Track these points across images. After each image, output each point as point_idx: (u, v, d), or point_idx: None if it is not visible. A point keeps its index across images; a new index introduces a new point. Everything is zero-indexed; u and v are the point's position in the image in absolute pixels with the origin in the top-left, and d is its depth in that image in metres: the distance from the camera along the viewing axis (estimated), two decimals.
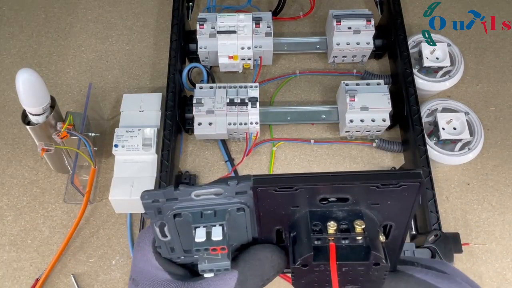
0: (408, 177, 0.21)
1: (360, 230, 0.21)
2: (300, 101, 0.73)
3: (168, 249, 0.24)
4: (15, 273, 0.61)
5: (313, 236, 0.21)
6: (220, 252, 0.22)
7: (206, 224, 0.22)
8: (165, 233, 0.23)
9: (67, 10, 0.81)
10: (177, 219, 0.22)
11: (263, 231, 0.24)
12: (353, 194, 0.21)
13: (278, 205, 0.22)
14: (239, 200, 0.22)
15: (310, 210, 0.22)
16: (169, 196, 0.22)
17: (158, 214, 0.22)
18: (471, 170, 0.68)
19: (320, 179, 0.21)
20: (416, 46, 0.71)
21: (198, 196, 0.22)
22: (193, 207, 0.22)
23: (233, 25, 0.69)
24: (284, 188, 0.21)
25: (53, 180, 0.67)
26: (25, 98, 0.51)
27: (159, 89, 0.73)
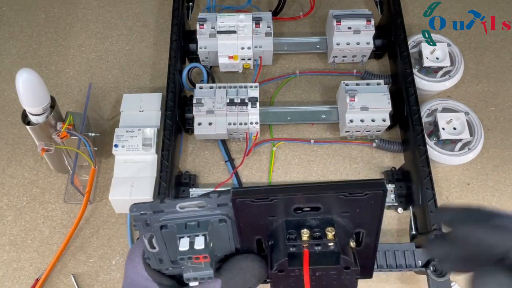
0: (372, 186, 0.22)
1: (331, 237, 0.23)
2: (300, 101, 0.73)
3: (157, 260, 0.26)
4: (15, 273, 0.61)
5: (288, 243, 0.23)
6: (203, 261, 0.23)
7: (190, 234, 0.24)
8: (153, 244, 0.25)
9: (67, 10, 0.81)
10: (164, 231, 0.24)
11: (244, 241, 0.25)
12: (324, 203, 0.23)
13: (256, 215, 0.24)
14: (221, 211, 0.24)
15: (286, 219, 0.24)
16: (155, 208, 0.23)
17: (146, 226, 0.24)
18: (471, 170, 0.68)
19: (293, 190, 0.23)
20: (416, 46, 0.71)
21: (183, 208, 0.23)
22: (178, 219, 0.24)
23: (233, 25, 0.69)
24: (260, 199, 0.23)
25: (53, 180, 0.67)
26: (25, 98, 0.51)
27: (159, 89, 0.73)
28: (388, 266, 0.56)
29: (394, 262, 0.56)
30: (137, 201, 0.24)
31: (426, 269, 0.55)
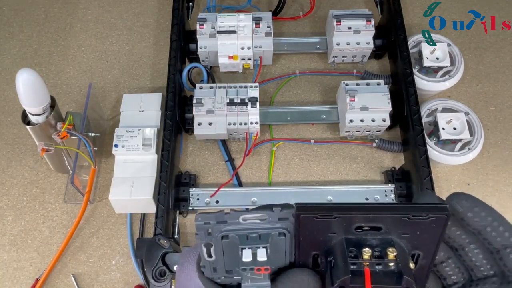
0: (436, 210, 0.23)
1: (393, 257, 0.23)
2: (300, 101, 0.73)
3: (211, 269, 0.26)
4: (15, 273, 0.61)
5: (350, 260, 0.23)
6: (263, 272, 0.24)
7: (252, 246, 0.25)
8: (211, 253, 0.25)
9: (67, 10, 0.81)
10: (224, 241, 0.25)
11: (301, 255, 0.26)
12: (386, 224, 0.24)
13: (317, 231, 0.24)
14: (281, 225, 0.24)
15: (346, 237, 0.24)
16: (220, 219, 0.24)
17: (207, 236, 0.24)
18: (471, 170, 0.68)
19: (356, 209, 0.23)
20: (416, 46, 0.71)
21: (245, 220, 0.24)
22: (240, 230, 0.24)
23: (233, 25, 0.69)
24: (323, 215, 0.23)
25: (53, 180, 0.67)
26: (25, 98, 0.51)
27: (159, 89, 0.73)
28: None
29: None
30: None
31: None
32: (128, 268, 0.61)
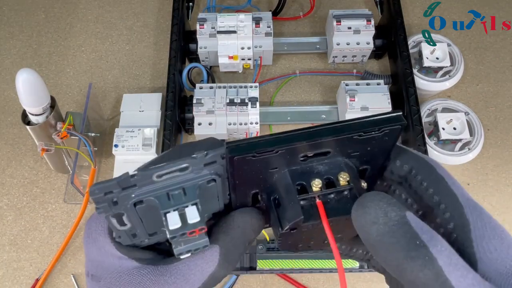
0: (390, 121, 0.20)
1: (345, 183, 0.21)
2: (300, 101, 0.73)
3: (130, 236, 0.21)
4: (15, 273, 0.61)
5: (299, 197, 0.20)
6: (199, 233, 0.19)
7: (177, 206, 0.19)
8: (123, 222, 0.20)
9: (67, 10, 0.81)
10: (139, 207, 0.19)
11: (238, 198, 0.22)
12: (335, 147, 0.20)
13: (256, 170, 0.20)
14: (209, 171, 0.20)
15: (289, 169, 0.21)
16: (125, 184, 0.19)
17: (113, 206, 0.19)
18: (471, 170, 0.68)
19: (301, 137, 0.20)
20: (416, 46, 0.71)
21: (161, 177, 0.19)
22: (157, 190, 0.19)
23: (233, 25, 0.69)
24: (262, 153, 0.19)
25: (53, 180, 0.67)
26: (25, 98, 0.51)
27: (159, 89, 0.73)
28: None
29: None
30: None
31: None
32: None
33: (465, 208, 0.19)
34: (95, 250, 0.21)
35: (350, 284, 0.60)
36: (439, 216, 0.19)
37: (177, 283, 0.20)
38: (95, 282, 0.21)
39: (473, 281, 0.17)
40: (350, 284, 0.60)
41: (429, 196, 0.20)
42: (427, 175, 0.20)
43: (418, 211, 0.21)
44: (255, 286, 0.60)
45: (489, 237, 0.18)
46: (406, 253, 0.17)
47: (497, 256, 0.18)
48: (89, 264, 0.22)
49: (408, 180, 0.21)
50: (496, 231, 0.18)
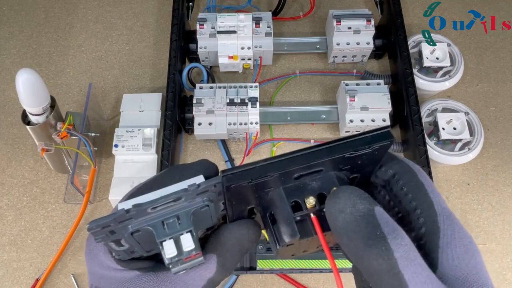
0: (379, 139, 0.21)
1: None
2: (300, 101, 0.73)
3: (128, 253, 0.22)
4: (15, 273, 0.61)
5: (294, 215, 0.21)
6: (195, 257, 0.20)
7: (172, 235, 0.20)
8: (121, 244, 0.21)
9: (67, 10, 0.81)
10: (136, 234, 0.20)
11: (235, 214, 0.23)
12: (327, 165, 0.21)
13: (252, 192, 0.22)
14: (202, 199, 0.21)
15: (284, 187, 0.22)
16: (121, 219, 0.19)
17: (111, 235, 0.20)
18: (471, 170, 0.68)
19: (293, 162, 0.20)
20: (416, 46, 0.71)
21: (155, 208, 0.20)
22: (152, 220, 0.20)
23: (233, 25, 0.69)
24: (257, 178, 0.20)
25: (53, 180, 0.67)
26: (25, 98, 0.51)
27: (159, 89, 0.73)
28: None
29: None
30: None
31: None
32: None
33: (438, 216, 0.20)
34: (97, 265, 0.22)
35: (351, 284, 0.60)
36: (413, 220, 0.20)
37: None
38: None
39: (427, 279, 0.17)
40: (351, 284, 0.60)
41: (408, 200, 0.21)
42: (408, 180, 0.21)
43: (398, 214, 0.22)
44: (255, 286, 0.60)
45: (455, 245, 0.19)
46: (365, 241, 0.18)
47: (458, 264, 0.19)
48: (91, 277, 0.23)
49: (390, 184, 0.22)
50: (463, 241, 0.19)
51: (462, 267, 0.19)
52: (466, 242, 0.20)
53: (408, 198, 0.21)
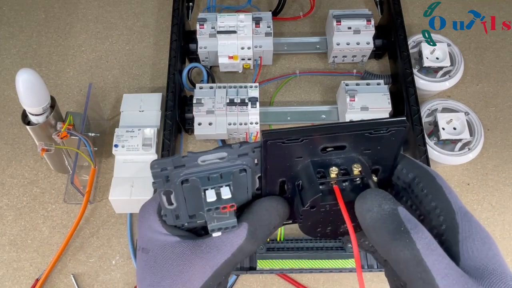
0: (395, 123, 0.24)
1: (358, 172, 0.24)
2: (300, 101, 0.73)
3: (174, 216, 0.25)
4: (15, 273, 0.61)
5: (318, 180, 0.24)
6: (229, 210, 0.24)
7: (214, 186, 0.24)
8: (171, 200, 0.25)
9: (67, 10, 0.81)
10: (185, 185, 0.24)
11: (268, 183, 0.26)
12: (350, 142, 0.24)
13: (284, 157, 0.24)
14: (242, 162, 0.24)
15: (312, 160, 0.25)
16: (177, 163, 0.23)
17: (166, 182, 0.24)
18: (471, 170, 0.68)
19: (321, 130, 0.23)
20: (416, 46, 0.71)
21: (204, 161, 0.23)
22: (200, 172, 0.24)
23: (233, 25, 0.69)
24: (290, 140, 0.23)
25: (53, 180, 0.67)
26: (25, 98, 0.51)
27: (159, 89, 0.73)
28: None
29: None
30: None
31: None
32: (128, 268, 0.61)
33: (456, 214, 0.22)
34: (147, 228, 0.26)
35: (351, 284, 0.60)
36: (434, 219, 0.23)
37: (211, 252, 0.24)
38: (144, 254, 0.26)
39: (447, 266, 0.20)
40: (351, 284, 0.60)
41: (428, 201, 0.24)
42: (428, 183, 0.24)
43: (420, 215, 0.24)
44: (255, 286, 0.60)
45: (473, 239, 0.22)
46: (391, 236, 0.21)
47: (478, 255, 0.21)
48: (140, 240, 0.26)
49: (411, 186, 0.25)
50: (480, 235, 0.22)
51: (482, 258, 0.21)
52: (483, 235, 0.22)
53: (428, 199, 0.23)
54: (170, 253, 0.25)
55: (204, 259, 0.24)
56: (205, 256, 0.24)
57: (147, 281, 0.25)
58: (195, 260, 0.24)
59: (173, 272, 0.24)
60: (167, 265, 0.25)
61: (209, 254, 0.24)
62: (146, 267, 0.25)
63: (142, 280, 0.26)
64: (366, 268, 0.56)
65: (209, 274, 0.24)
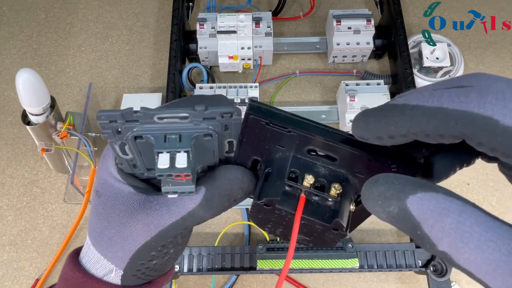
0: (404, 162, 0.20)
1: (335, 194, 0.21)
2: (300, 101, 0.73)
3: (131, 165, 0.24)
4: (15, 273, 0.61)
5: (287, 181, 0.21)
6: (184, 179, 0.21)
7: (170, 150, 0.21)
8: (126, 151, 0.22)
9: (67, 10, 0.81)
10: (139, 141, 0.21)
11: (241, 155, 0.23)
12: (343, 157, 0.21)
13: (264, 139, 0.21)
14: (207, 126, 0.21)
15: (294, 155, 0.22)
16: (128, 118, 0.20)
17: (117, 135, 0.21)
18: (471, 170, 0.68)
19: (316, 131, 0.20)
20: (416, 46, 0.71)
21: (161, 119, 0.20)
22: (156, 130, 0.21)
23: (233, 25, 0.69)
24: (277, 125, 0.20)
25: (53, 180, 0.67)
26: (25, 98, 0.51)
27: (159, 89, 0.73)
28: (388, 266, 0.56)
29: (394, 262, 0.56)
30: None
31: (426, 269, 0.55)
32: None
33: None
34: (104, 170, 0.25)
35: (351, 284, 0.60)
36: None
37: (160, 210, 0.23)
38: (97, 197, 0.25)
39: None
40: (351, 284, 0.60)
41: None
42: None
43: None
44: (255, 286, 0.60)
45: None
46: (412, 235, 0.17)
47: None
48: (96, 181, 0.26)
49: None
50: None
51: None
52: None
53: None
54: (119, 204, 0.24)
55: (151, 216, 0.23)
56: (152, 214, 0.23)
57: (93, 225, 0.25)
58: (141, 216, 0.23)
59: (118, 224, 0.24)
60: (114, 215, 0.24)
61: (157, 212, 0.23)
62: (95, 211, 0.25)
63: (90, 222, 0.25)
64: (366, 268, 0.56)
65: (153, 233, 0.23)
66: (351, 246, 0.56)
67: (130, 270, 0.24)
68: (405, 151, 0.20)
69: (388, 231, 0.63)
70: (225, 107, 0.20)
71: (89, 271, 0.25)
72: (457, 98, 0.16)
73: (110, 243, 0.24)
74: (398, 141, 0.18)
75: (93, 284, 0.25)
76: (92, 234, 0.25)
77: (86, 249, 0.26)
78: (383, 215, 0.17)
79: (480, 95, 0.16)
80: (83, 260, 0.26)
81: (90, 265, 0.25)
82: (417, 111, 0.17)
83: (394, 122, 0.17)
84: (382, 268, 0.55)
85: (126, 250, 0.24)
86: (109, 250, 0.24)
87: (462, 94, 0.16)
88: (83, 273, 0.25)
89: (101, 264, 0.25)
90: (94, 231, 0.25)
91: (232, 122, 0.21)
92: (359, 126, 0.19)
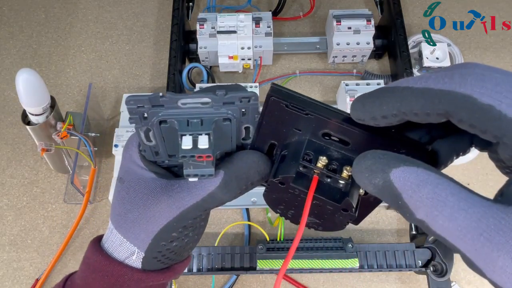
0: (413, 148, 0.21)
1: (346, 176, 0.22)
2: None
3: (153, 153, 0.25)
4: (15, 273, 0.61)
5: (302, 162, 0.22)
6: (205, 160, 0.22)
7: (193, 133, 0.22)
8: (150, 138, 0.24)
9: (67, 10, 0.81)
10: (163, 126, 0.23)
11: (259, 139, 0.24)
12: (356, 142, 0.22)
13: (283, 121, 0.23)
14: (226, 110, 0.22)
15: (309, 139, 0.23)
16: (155, 102, 0.22)
17: (143, 120, 0.23)
18: (471, 170, 0.68)
19: (332, 114, 0.22)
20: (416, 46, 0.71)
21: (185, 104, 0.22)
22: (180, 115, 0.22)
23: (233, 25, 0.69)
24: (295, 107, 0.21)
25: (53, 180, 0.67)
26: (25, 98, 0.51)
27: (159, 89, 0.73)
28: (388, 266, 0.56)
29: (394, 262, 0.56)
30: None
31: (426, 269, 0.55)
32: None
33: None
34: (128, 158, 0.26)
35: (351, 284, 0.60)
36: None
37: (181, 193, 0.24)
38: (120, 184, 0.26)
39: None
40: (351, 284, 0.60)
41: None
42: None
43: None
44: (255, 286, 0.60)
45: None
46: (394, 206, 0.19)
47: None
48: (120, 169, 0.27)
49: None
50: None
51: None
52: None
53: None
54: (143, 188, 0.25)
55: (173, 198, 0.24)
56: (175, 196, 0.24)
57: (116, 210, 0.26)
58: (163, 198, 0.24)
59: (141, 207, 0.25)
60: (137, 199, 0.25)
61: (179, 194, 0.24)
62: (118, 196, 0.26)
63: (113, 208, 0.26)
64: (366, 268, 0.56)
65: (175, 214, 0.24)
66: (351, 246, 0.56)
67: (151, 252, 0.25)
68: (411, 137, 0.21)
69: (388, 231, 0.63)
70: (243, 92, 0.22)
71: (111, 254, 0.26)
72: (442, 80, 0.18)
73: (133, 225, 0.25)
74: (391, 120, 0.19)
75: (115, 266, 0.26)
76: (115, 218, 0.26)
77: (109, 233, 0.27)
78: (370, 187, 0.19)
79: (462, 77, 0.17)
80: (105, 245, 0.27)
81: (113, 249, 0.26)
82: (406, 92, 0.18)
83: (386, 103, 0.19)
84: (382, 268, 0.55)
85: (149, 231, 0.25)
86: (132, 232, 0.25)
87: (446, 76, 0.18)
88: (105, 256, 0.26)
89: (124, 246, 0.26)
90: (117, 215, 0.26)
91: (249, 107, 0.23)
92: (356, 108, 0.20)
